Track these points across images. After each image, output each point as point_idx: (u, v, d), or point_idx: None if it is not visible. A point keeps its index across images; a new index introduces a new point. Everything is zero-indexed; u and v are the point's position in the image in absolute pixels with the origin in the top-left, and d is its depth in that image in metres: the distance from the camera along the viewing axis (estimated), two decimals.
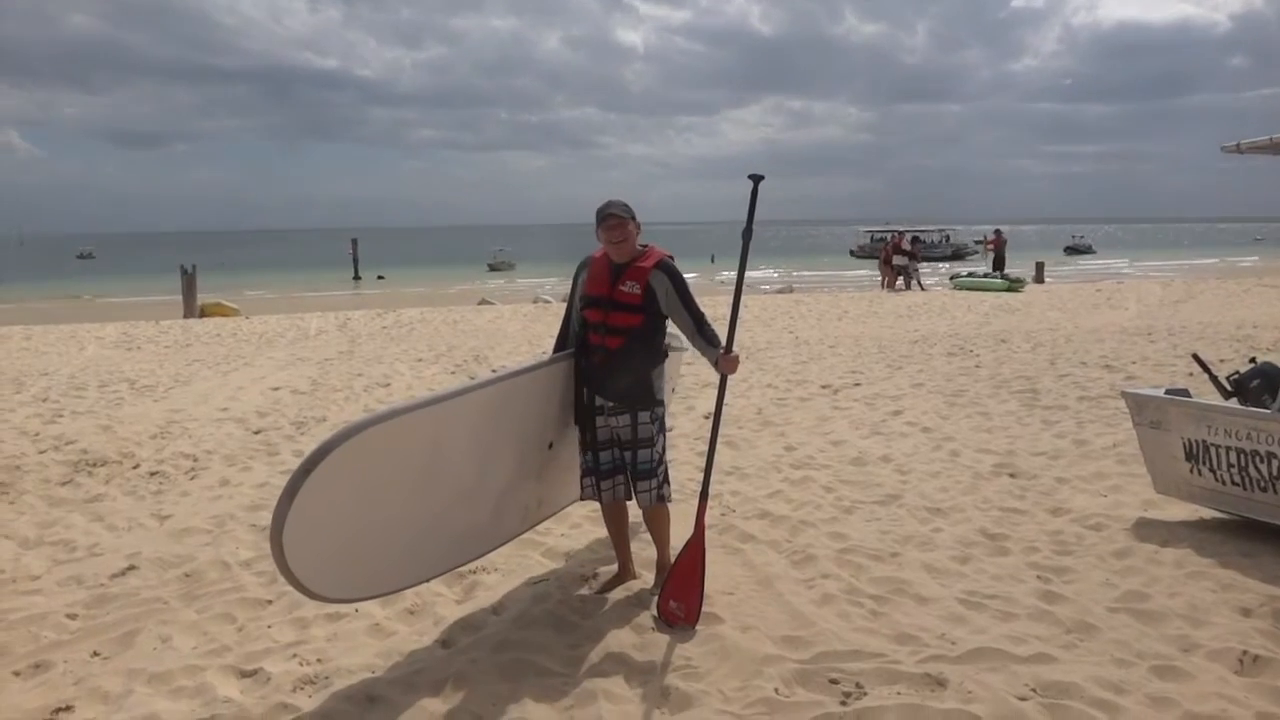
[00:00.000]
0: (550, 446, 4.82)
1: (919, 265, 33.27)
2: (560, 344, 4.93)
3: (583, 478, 4.89)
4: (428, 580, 4.50)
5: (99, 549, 5.83)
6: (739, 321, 4.81)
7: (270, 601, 4.92)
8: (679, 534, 4.93)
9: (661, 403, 4.81)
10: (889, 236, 37.41)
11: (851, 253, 77.80)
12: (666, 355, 4.91)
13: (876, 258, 62.25)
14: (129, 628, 4.63)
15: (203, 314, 26.56)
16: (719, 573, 5.10)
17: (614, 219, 4.61)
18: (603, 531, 5.40)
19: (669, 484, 4.91)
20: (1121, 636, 4.33)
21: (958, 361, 13.25)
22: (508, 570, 5.33)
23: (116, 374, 13.26)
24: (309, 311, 25.11)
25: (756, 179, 4.72)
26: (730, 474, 7.23)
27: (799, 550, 5.50)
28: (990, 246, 37.25)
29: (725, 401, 4.97)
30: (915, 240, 35.12)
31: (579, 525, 5.99)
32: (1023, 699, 3.76)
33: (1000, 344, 15.08)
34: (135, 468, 7.84)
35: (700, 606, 4.53)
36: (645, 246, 4.75)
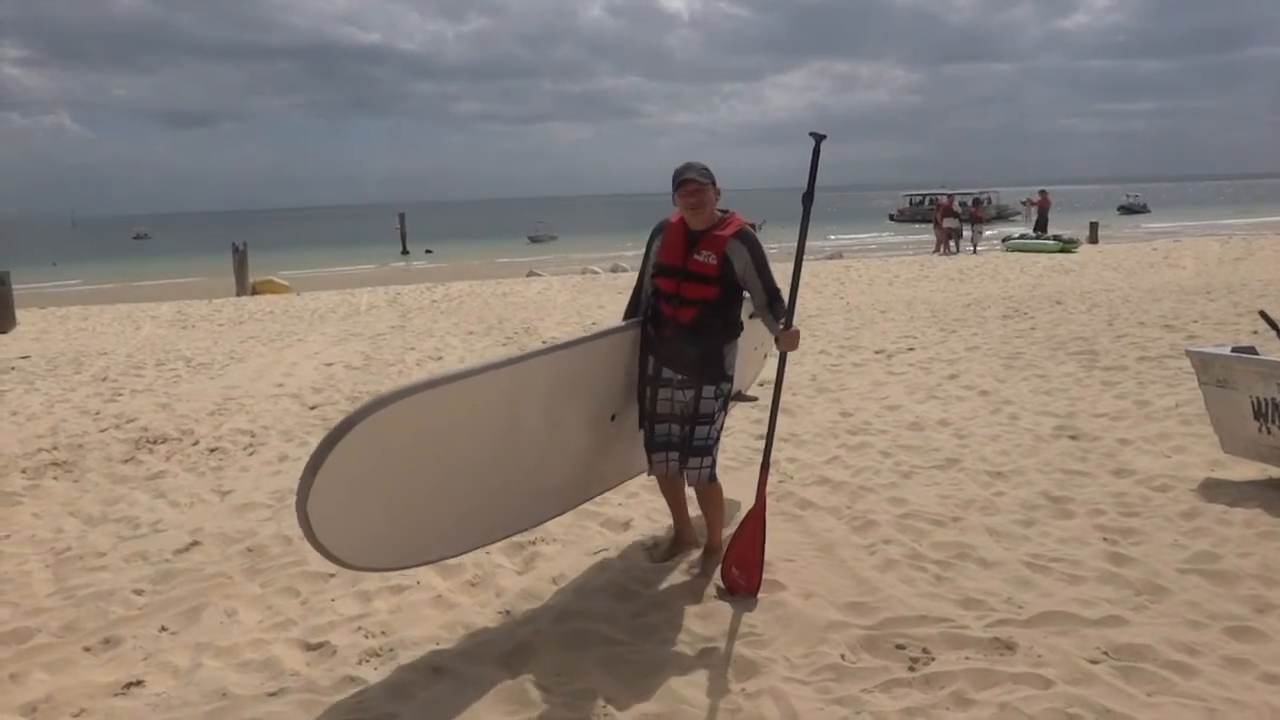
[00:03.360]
0: (613, 419, 4.70)
1: (982, 227, 32.79)
2: (631, 311, 4.77)
3: (646, 450, 4.77)
4: (473, 550, 4.44)
5: (162, 525, 5.91)
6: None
7: (333, 575, 4.95)
8: (734, 504, 4.89)
9: (730, 378, 4.59)
10: (940, 199, 36.90)
11: (891, 217, 76.79)
12: (742, 329, 4.65)
13: (916, 221, 61.45)
14: (195, 602, 4.69)
15: (254, 291, 26.83)
16: (779, 539, 5.06)
17: (692, 184, 4.36)
18: (660, 500, 5.37)
19: (716, 462, 4.68)
20: (1193, 598, 4.25)
21: (1013, 324, 13.04)
22: (567, 541, 5.32)
23: (173, 352, 13.44)
24: (359, 287, 25.27)
25: (818, 137, 4.44)
26: (787, 441, 7.17)
27: (859, 516, 5.45)
28: (1035, 206, 36.64)
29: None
30: (977, 202, 34.51)
31: (635, 494, 5.96)
32: (1094, 662, 3.70)
33: (1055, 305, 14.84)
34: (195, 444, 7.94)
35: (761, 575, 4.48)
36: (725, 213, 4.52)
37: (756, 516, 4.50)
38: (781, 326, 4.35)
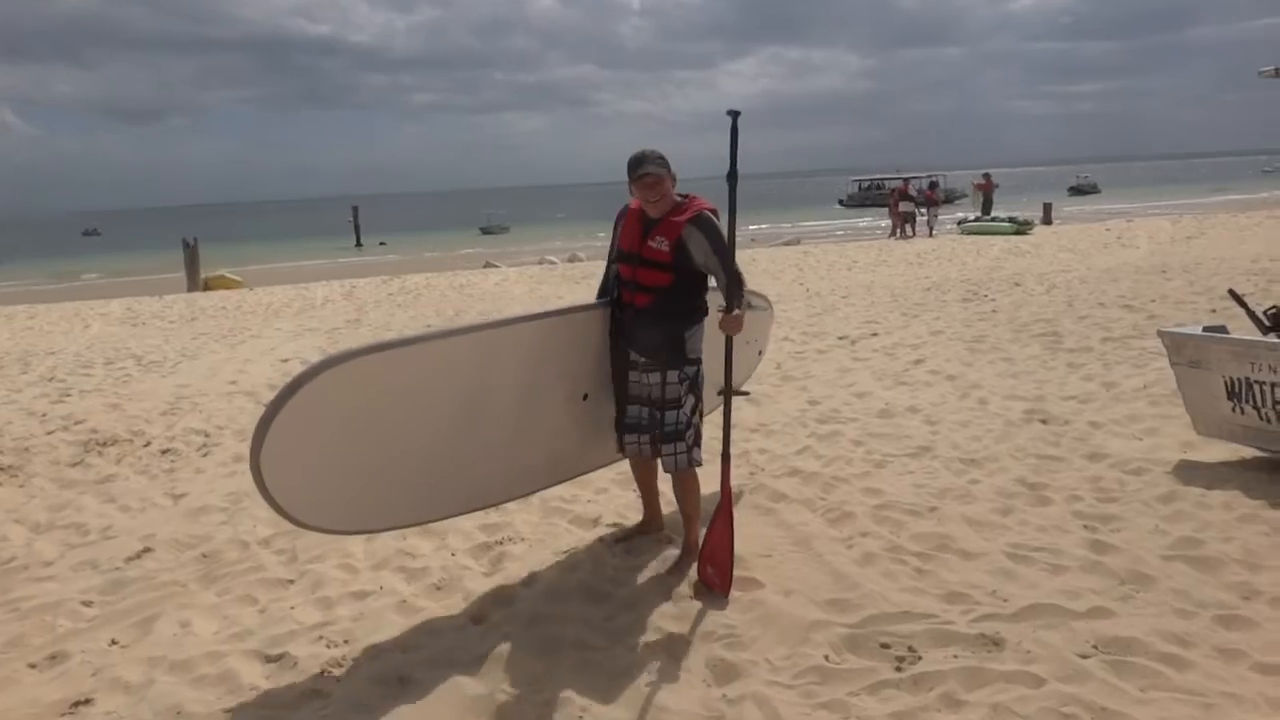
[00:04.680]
0: (585, 398, 4.63)
1: (937, 210, 32.87)
2: (602, 293, 4.70)
3: (616, 431, 4.69)
4: (433, 519, 4.42)
5: (112, 531, 5.68)
6: (747, 276, 4.53)
7: (292, 581, 4.76)
8: (708, 499, 4.74)
9: (695, 362, 4.49)
10: (896, 183, 36.95)
11: (840, 202, 77.19)
12: (706, 313, 4.54)
13: (865, 206, 61.71)
14: (147, 613, 4.47)
15: (207, 287, 26.34)
16: (753, 534, 4.94)
17: (650, 176, 4.29)
18: (631, 496, 5.23)
19: (699, 448, 4.59)
20: (1179, 585, 4.17)
21: (974, 307, 13.03)
22: (535, 540, 5.16)
23: (123, 350, 13.10)
24: (314, 281, 24.89)
25: (734, 115, 4.30)
26: (755, 431, 7.05)
27: (834, 508, 5.32)
28: (980, 189, 36.82)
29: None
30: (933, 185, 34.58)
31: (605, 490, 5.82)
32: (1085, 656, 3.60)
33: (1014, 287, 14.85)
34: (146, 445, 7.68)
35: (732, 572, 4.35)
36: (685, 198, 4.43)
37: (724, 511, 4.38)
38: (722, 311, 4.29)
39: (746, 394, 6.01)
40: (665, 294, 4.38)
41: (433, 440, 4.01)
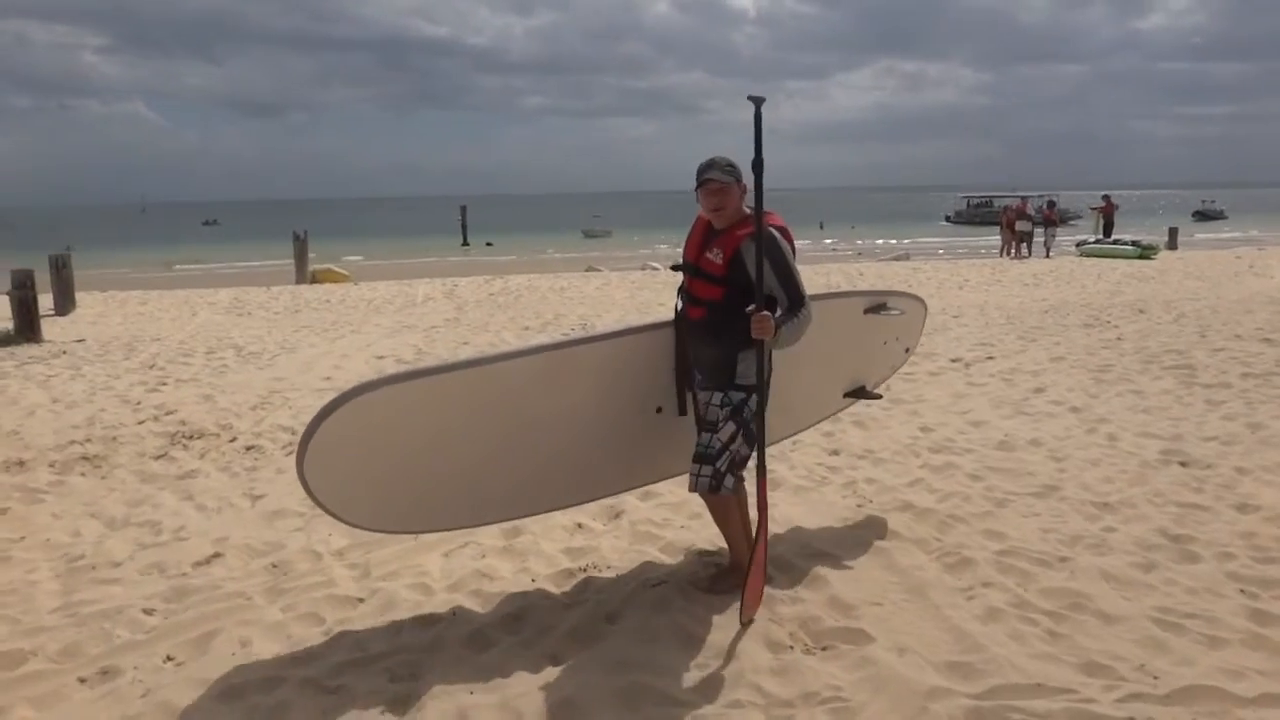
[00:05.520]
0: (659, 411, 4.50)
1: (1056, 230, 31.60)
2: None
3: None
4: (487, 523, 4.63)
5: (185, 532, 5.46)
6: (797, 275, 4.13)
7: (361, 600, 4.46)
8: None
9: (744, 389, 4.14)
10: (1014, 202, 35.71)
11: (947, 218, 75.63)
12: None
13: (974, 224, 60.03)
14: (208, 627, 4.20)
15: (314, 280, 26.63)
16: (862, 577, 4.49)
17: (713, 184, 4.06)
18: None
19: (733, 476, 4.21)
20: None
21: (1096, 333, 12.29)
22: (622, 568, 4.77)
23: (225, 340, 13.14)
24: (418, 278, 24.96)
25: (758, 101, 3.99)
26: (862, 458, 6.57)
27: (951, 551, 4.83)
28: (1101, 213, 35.33)
29: None
30: (1052, 204, 33.25)
31: (698, 515, 5.40)
32: None
33: (1139, 314, 14.03)
34: (232, 441, 7.52)
35: (761, 594, 4.14)
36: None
37: (761, 529, 4.09)
38: (751, 308, 3.95)
39: (878, 396, 5.73)
40: (717, 309, 4.12)
41: (478, 458, 4.15)
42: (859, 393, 5.54)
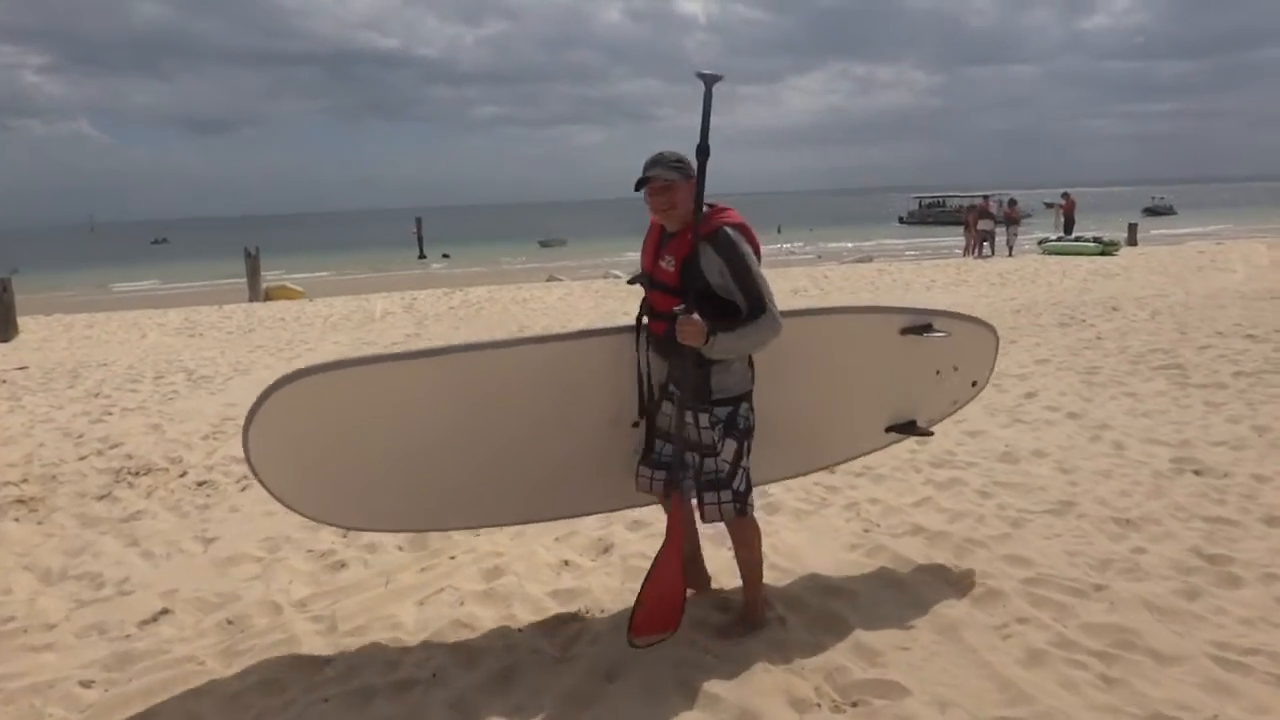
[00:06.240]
0: (636, 425, 4.07)
1: (1018, 229, 31.47)
2: None
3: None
4: (439, 529, 4.66)
5: (129, 584, 4.94)
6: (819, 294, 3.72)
7: (328, 660, 3.97)
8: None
9: (729, 402, 3.75)
10: (976, 201, 35.62)
11: (900, 219, 75.94)
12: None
13: (926, 224, 60.41)
14: (153, 701, 3.69)
15: (268, 297, 26.03)
16: (881, 615, 4.07)
17: (657, 182, 3.62)
18: (726, 555, 4.40)
19: (752, 494, 3.90)
20: None
21: (1074, 332, 12.01)
22: (616, 611, 4.31)
23: (175, 363, 12.56)
24: (375, 293, 24.35)
25: (708, 79, 3.58)
26: (860, 475, 6.15)
27: (975, 581, 4.42)
28: (1062, 210, 35.33)
29: None
30: (1013, 203, 33.08)
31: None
32: None
33: (1112, 312, 13.79)
34: (182, 476, 6.98)
35: (667, 618, 3.84)
36: (711, 207, 3.68)
37: (672, 538, 3.83)
38: (679, 308, 3.56)
39: (929, 433, 5.00)
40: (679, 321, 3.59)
41: (423, 451, 3.98)
42: (907, 428, 4.83)
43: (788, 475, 4.81)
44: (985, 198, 34.31)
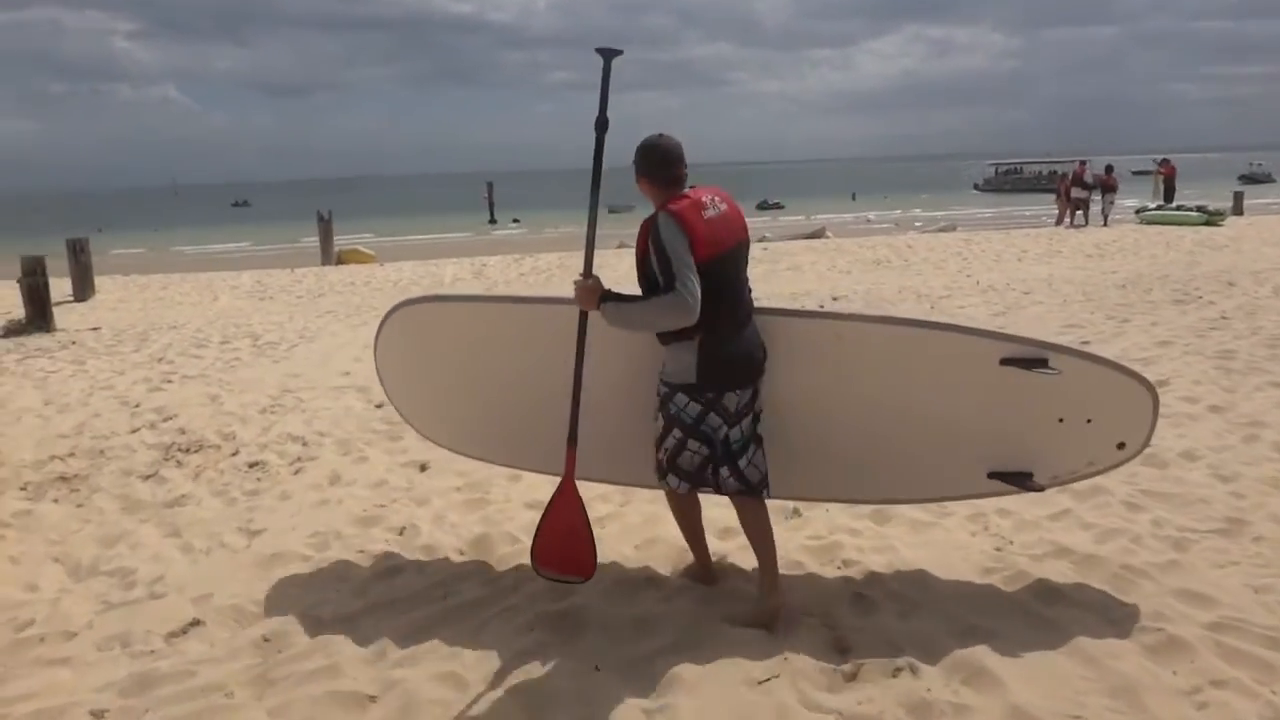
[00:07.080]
0: None
1: (1114, 196, 29.85)
2: None
3: None
4: (519, 468, 4.88)
5: (163, 585, 4.40)
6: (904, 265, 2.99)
7: (373, 699, 3.36)
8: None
9: (670, 385, 3.80)
10: (1071, 167, 34.00)
11: (976, 186, 73.95)
12: (701, 332, 3.67)
13: (1003, 191, 58.27)
14: None
15: (340, 261, 25.85)
16: (1041, 669, 3.35)
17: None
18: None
19: (675, 476, 3.86)
20: None
21: (1194, 311, 10.99)
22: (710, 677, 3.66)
23: (243, 327, 12.25)
24: (445, 258, 23.92)
25: (608, 54, 3.80)
26: None
27: (1146, 626, 3.64)
28: (1161, 175, 33.52)
29: None
30: (1109, 169, 31.38)
31: (732, 532, 4.28)
32: None
33: (1229, 287, 12.74)
34: (234, 455, 6.48)
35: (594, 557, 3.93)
36: (693, 189, 3.81)
37: (564, 493, 3.95)
38: (580, 276, 3.90)
39: (1040, 488, 4.05)
40: None
41: (516, 388, 4.33)
42: (1016, 479, 4.02)
43: (863, 499, 4.45)
44: (1082, 163, 32.64)
